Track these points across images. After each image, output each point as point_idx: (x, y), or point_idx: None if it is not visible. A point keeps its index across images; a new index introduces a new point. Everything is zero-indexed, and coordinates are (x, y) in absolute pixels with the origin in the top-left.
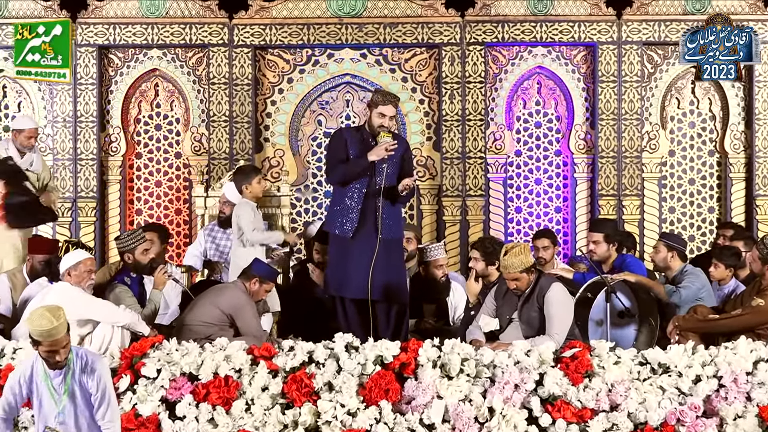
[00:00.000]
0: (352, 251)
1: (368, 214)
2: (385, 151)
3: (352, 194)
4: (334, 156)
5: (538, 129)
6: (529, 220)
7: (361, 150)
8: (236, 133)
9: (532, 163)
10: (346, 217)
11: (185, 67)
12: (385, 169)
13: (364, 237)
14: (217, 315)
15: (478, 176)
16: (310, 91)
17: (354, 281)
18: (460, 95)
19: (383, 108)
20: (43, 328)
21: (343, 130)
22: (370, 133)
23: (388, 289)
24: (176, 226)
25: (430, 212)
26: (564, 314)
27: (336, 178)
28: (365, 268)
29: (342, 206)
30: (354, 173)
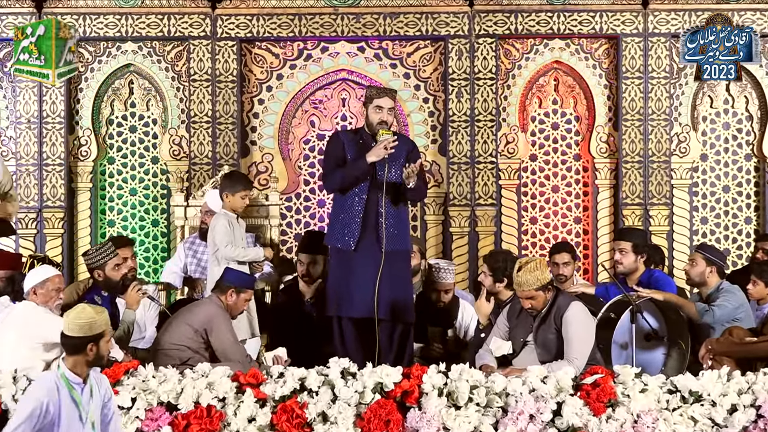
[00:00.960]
0: (355, 266)
1: (371, 224)
2: (385, 149)
3: (351, 202)
4: (331, 161)
5: (555, 131)
6: (545, 232)
7: (360, 153)
8: (220, 136)
9: (548, 169)
10: (347, 228)
11: (163, 62)
12: (387, 171)
13: (367, 249)
14: (191, 335)
15: (489, 183)
16: (302, 89)
17: (357, 299)
18: (469, 93)
19: (379, 101)
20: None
21: (340, 132)
22: (369, 134)
23: (394, 307)
24: (153, 239)
25: (435, 223)
26: (584, 336)
27: (333, 185)
28: (369, 284)
29: (343, 216)
30: (352, 178)
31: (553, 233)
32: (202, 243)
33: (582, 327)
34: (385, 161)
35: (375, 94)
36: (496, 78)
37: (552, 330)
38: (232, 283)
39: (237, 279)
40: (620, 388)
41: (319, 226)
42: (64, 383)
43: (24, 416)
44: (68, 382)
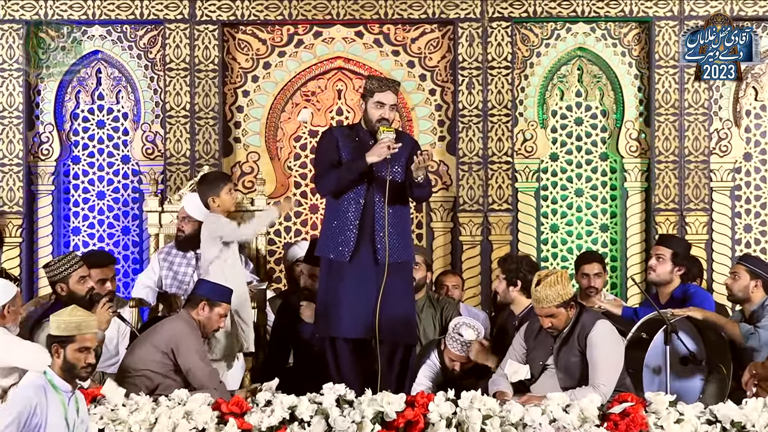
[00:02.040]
0: (349, 279)
1: (368, 232)
2: (387, 149)
3: (347, 207)
4: (324, 160)
5: (578, 126)
6: (567, 242)
7: (357, 152)
8: (199, 132)
9: (571, 170)
10: (341, 237)
11: (135, 49)
12: (387, 173)
13: (363, 261)
14: (158, 357)
15: (504, 186)
16: (293, 80)
17: (353, 317)
18: (481, 84)
19: (381, 95)
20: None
21: (334, 129)
22: (367, 130)
23: (395, 327)
24: (124, 249)
25: (443, 231)
26: (612, 359)
27: (327, 188)
28: (366, 300)
29: (336, 223)
30: (349, 180)
31: (576, 242)
32: (179, 254)
33: (609, 349)
34: (387, 162)
35: (376, 87)
36: (512, 67)
37: (575, 352)
38: (204, 295)
39: (210, 290)
40: (652, 418)
41: (312, 235)
42: (52, 387)
43: (11, 417)
44: (56, 387)
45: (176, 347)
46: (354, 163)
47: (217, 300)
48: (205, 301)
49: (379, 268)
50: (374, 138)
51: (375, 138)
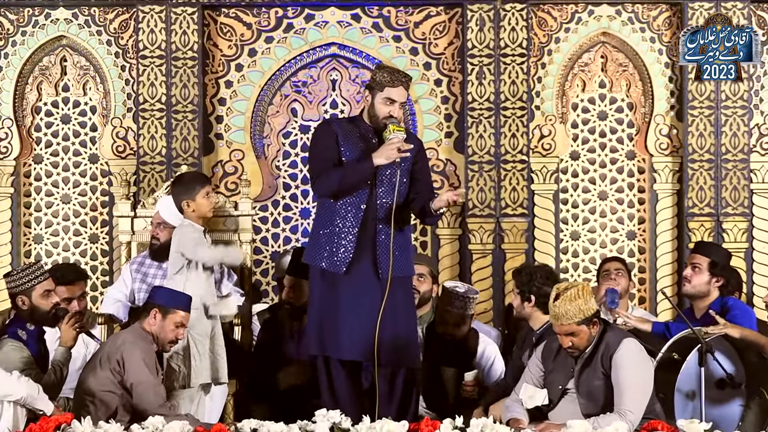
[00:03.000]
0: (345, 294)
1: (368, 242)
2: (398, 151)
3: (345, 213)
4: (322, 156)
5: (602, 121)
6: (589, 251)
7: (359, 149)
8: (176, 128)
9: (594, 170)
10: (337, 245)
11: (104, 34)
12: (391, 177)
13: (361, 274)
14: (108, 375)
15: (518, 188)
16: (281, 68)
17: (349, 336)
18: (493, 74)
19: (392, 91)
20: None
21: (332, 121)
22: (370, 126)
23: (396, 349)
24: (92, 259)
25: (450, 239)
26: (640, 383)
27: (327, 188)
28: (366, 319)
29: (331, 229)
30: (352, 183)
31: (600, 251)
32: (154, 264)
33: (637, 371)
34: (396, 166)
35: (388, 81)
36: (528, 54)
37: (599, 375)
38: (156, 302)
39: (163, 297)
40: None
41: (303, 243)
42: None
43: None
44: None
45: (122, 359)
46: (359, 164)
47: (171, 307)
48: (157, 308)
49: (380, 283)
50: (378, 136)
51: (379, 136)
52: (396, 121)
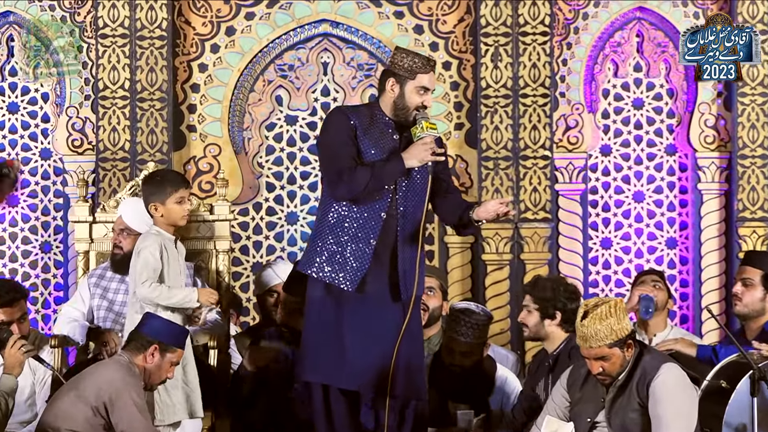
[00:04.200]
0: (355, 315)
1: (385, 257)
2: (432, 153)
3: (362, 221)
4: (342, 152)
5: (638, 110)
6: (623, 261)
7: (381, 147)
8: (142, 118)
9: (628, 167)
10: (349, 257)
11: (58, 10)
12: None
13: (377, 293)
14: (87, 414)
15: (540, 188)
16: (264, 49)
17: (355, 363)
18: (511, 56)
19: (425, 78)
20: None
21: (347, 110)
22: (390, 119)
23: (409, 377)
24: (43, 272)
25: (461, 247)
26: (682, 415)
27: (352, 190)
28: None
29: (343, 238)
30: (379, 187)
31: (635, 262)
32: (116, 277)
33: (678, 401)
34: (427, 170)
35: (420, 67)
36: (551, 33)
37: (634, 405)
38: (157, 337)
39: (164, 330)
40: None
41: (290, 253)
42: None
43: None
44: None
45: (110, 401)
46: (390, 165)
47: (172, 344)
48: (158, 345)
49: (397, 304)
50: (399, 130)
51: (400, 131)
52: (427, 116)
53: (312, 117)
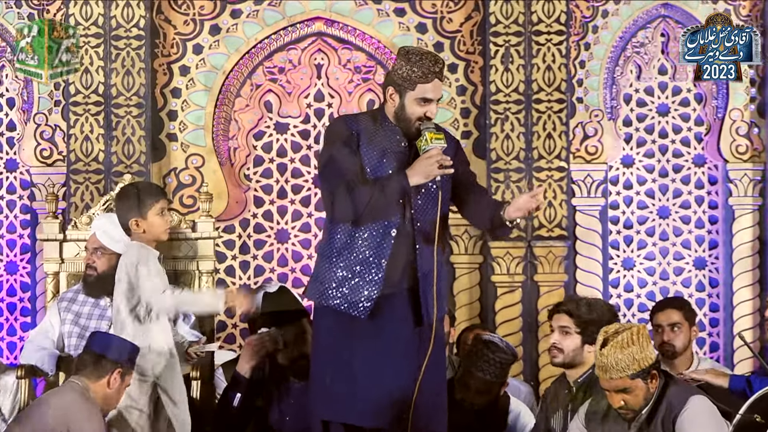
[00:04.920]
0: (366, 343)
1: (399, 278)
2: (439, 166)
3: (371, 239)
4: (341, 167)
5: (663, 117)
6: (646, 283)
7: (387, 158)
8: (118, 126)
9: (652, 180)
10: (359, 281)
11: (25, 7)
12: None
13: (393, 319)
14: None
15: (556, 203)
16: (252, 51)
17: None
18: (523, 57)
19: (426, 88)
20: None
21: (349, 119)
22: (395, 126)
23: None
24: (9, 295)
25: (469, 268)
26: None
27: (349, 212)
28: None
29: (349, 259)
30: (380, 207)
31: (660, 284)
32: (89, 300)
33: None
34: (436, 184)
35: (420, 77)
36: (568, 32)
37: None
38: (120, 359)
39: (126, 352)
40: None
41: (280, 274)
42: None
43: None
44: None
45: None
46: (392, 184)
47: (131, 366)
48: (121, 368)
49: (418, 331)
50: (408, 138)
51: (409, 138)
52: (432, 127)
53: (304, 125)
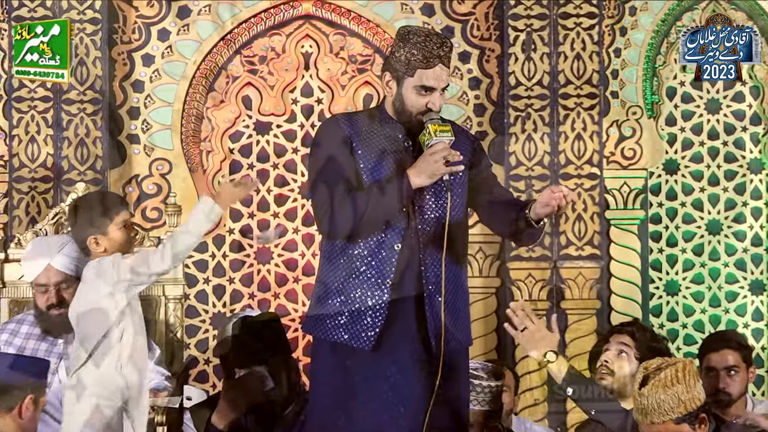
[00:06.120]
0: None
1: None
2: (445, 163)
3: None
4: (330, 176)
5: (713, 115)
6: (694, 311)
7: (387, 159)
8: (69, 126)
9: (700, 189)
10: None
11: None
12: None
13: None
14: None
15: (586, 216)
16: (228, 37)
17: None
18: (547, 44)
19: (427, 74)
20: None
21: (341, 119)
22: (397, 122)
23: None
24: None
25: (484, 293)
26: None
27: (342, 226)
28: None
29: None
30: (380, 216)
31: (710, 311)
32: (34, 333)
33: None
34: (444, 184)
35: (420, 61)
36: (600, 14)
37: None
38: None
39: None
40: None
41: (261, 300)
42: None
43: None
44: None
45: None
46: (390, 189)
47: (44, 387)
48: (33, 394)
49: (428, 361)
50: (411, 136)
51: (412, 136)
52: (437, 118)
53: (289, 124)
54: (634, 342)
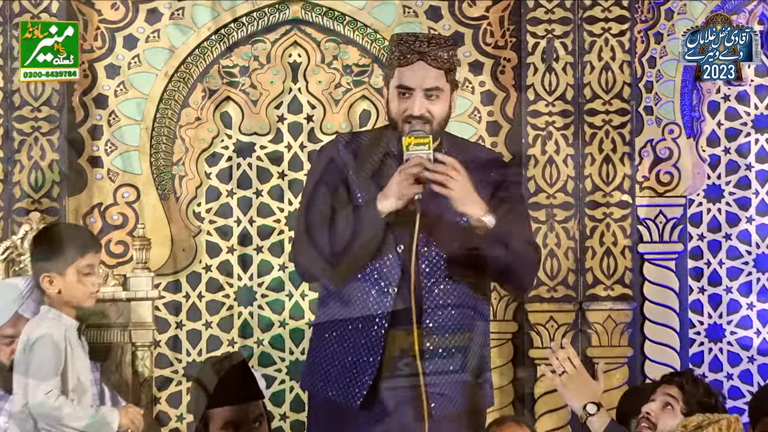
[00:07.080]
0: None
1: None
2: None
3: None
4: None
5: (762, 134)
6: (740, 360)
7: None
8: (22, 147)
9: (747, 219)
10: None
11: None
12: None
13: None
14: None
15: (616, 251)
16: (204, 45)
17: None
18: (571, 53)
19: (403, 72)
20: None
21: (341, 139)
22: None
23: None
24: None
25: (500, 339)
26: None
27: (309, 265)
28: None
29: (338, 334)
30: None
31: (759, 361)
32: None
33: None
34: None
35: (398, 58)
36: (632, 18)
37: None
38: None
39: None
40: None
41: (243, 346)
42: None
43: None
44: None
45: None
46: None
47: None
48: None
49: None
50: None
51: None
52: (418, 130)
53: (275, 144)
54: (682, 395)
